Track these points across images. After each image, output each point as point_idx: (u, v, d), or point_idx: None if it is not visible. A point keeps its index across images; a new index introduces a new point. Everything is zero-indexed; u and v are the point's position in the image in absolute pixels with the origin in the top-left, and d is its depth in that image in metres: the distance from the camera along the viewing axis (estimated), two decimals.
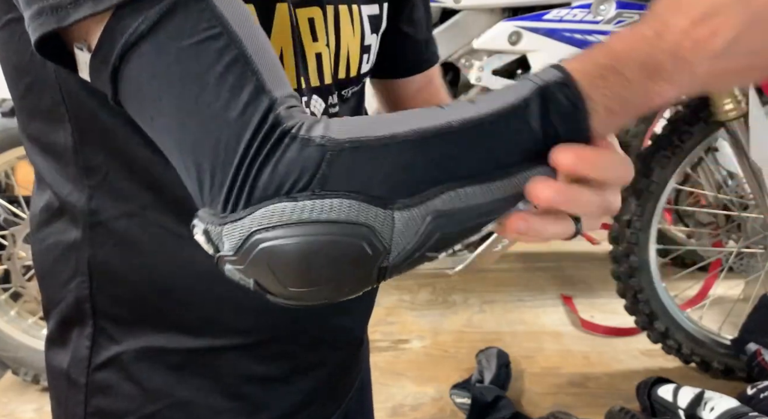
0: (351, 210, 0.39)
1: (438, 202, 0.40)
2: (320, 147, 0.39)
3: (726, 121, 1.66)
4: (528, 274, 2.51)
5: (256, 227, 0.39)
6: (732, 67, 0.40)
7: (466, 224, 0.42)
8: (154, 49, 0.40)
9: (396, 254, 0.40)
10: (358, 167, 0.39)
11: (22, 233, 1.72)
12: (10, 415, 1.72)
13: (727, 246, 1.98)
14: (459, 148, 0.40)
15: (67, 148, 0.54)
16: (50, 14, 0.42)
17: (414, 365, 1.92)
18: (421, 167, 0.40)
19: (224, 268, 0.42)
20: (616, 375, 1.89)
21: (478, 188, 0.41)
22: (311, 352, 0.64)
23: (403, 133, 0.40)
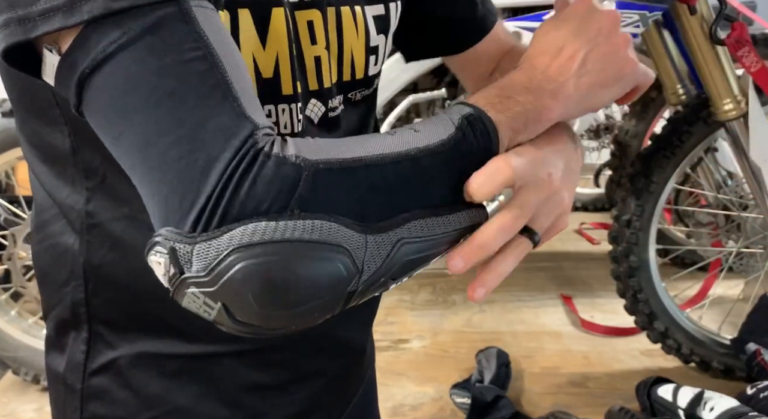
0: (331, 232, 0.39)
1: (405, 230, 0.42)
2: (295, 166, 0.39)
3: (726, 121, 1.66)
4: (528, 274, 2.51)
5: (235, 246, 0.38)
6: (592, 81, 0.51)
7: (425, 253, 0.44)
8: (134, 63, 0.40)
9: (366, 278, 0.41)
10: (333, 189, 0.40)
11: (22, 233, 1.73)
12: (11, 415, 1.72)
13: (727, 246, 1.98)
14: (421, 173, 0.43)
15: (64, 150, 0.53)
16: (17, 25, 0.41)
17: (414, 365, 1.92)
18: (387, 191, 0.42)
19: (185, 293, 0.40)
20: (616, 374, 1.89)
21: (440, 219, 0.44)
22: (310, 361, 0.64)
23: (369, 157, 0.42)
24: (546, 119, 0.49)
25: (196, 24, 0.41)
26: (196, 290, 0.39)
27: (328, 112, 0.59)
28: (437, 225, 0.44)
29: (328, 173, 0.40)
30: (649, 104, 2.51)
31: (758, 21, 1.97)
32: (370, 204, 0.41)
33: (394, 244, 0.42)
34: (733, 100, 1.64)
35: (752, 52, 1.56)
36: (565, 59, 0.50)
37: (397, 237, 0.42)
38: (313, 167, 0.39)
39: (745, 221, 1.87)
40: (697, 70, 1.68)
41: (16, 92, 0.54)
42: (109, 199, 0.54)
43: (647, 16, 1.57)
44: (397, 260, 0.42)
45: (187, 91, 0.39)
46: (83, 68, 0.40)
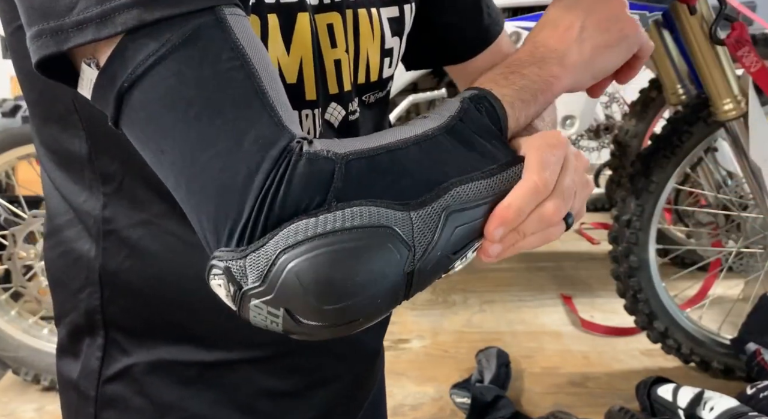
0: (371, 216, 0.39)
1: (448, 198, 0.42)
2: (328, 160, 0.40)
3: (726, 121, 1.66)
4: (528, 274, 2.51)
5: (282, 248, 0.38)
6: (595, 43, 0.53)
7: (479, 218, 0.44)
8: (172, 75, 0.39)
9: (420, 255, 0.41)
10: (367, 176, 0.40)
11: (22, 233, 1.73)
12: (11, 415, 1.73)
13: (727, 246, 1.98)
14: (444, 149, 0.44)
15: (82, 155, 0.53)
16: (49, 37, 0.40)
17: (414, 365, 1.92)
18: (419, 169, 0.42)
19: (250, 307, 0.40)
20: (616, 374, 1.89)
21: (482, 183, 0.44)
22: (327, 366, 0.63)
23: (394, 142, 0.43)
24: (556, 88, 0.51)
25: (231, 33, 0.40)
26: (257, 302, 0.39)
27: (348, 115, 0.59)
28: (482, 187, 0.44)
29: (360, 162, 0.41)
30: (649, 104, 2.51)
31: (758, 21, 1.97)
32: (405, 183, 0.41)
33: (440, 214, 0.41)
34: (733, 100, 1.64)
35: (752, 52, 1.56)
36: (563, 30, 0.53)
37: (441, 207, 0.42)
38: (344, 158, 0.40)
39: (745, 221, 1.87)
40: (697, 70, 1.68)
41: (35, 96, 0.53)
42: (126, 205, 0.53)
43: (647, 17, 1.57)
44: (449, 230, 0.42)
45: (226, 103, 0.39)
46: (122, 82, 0.40)
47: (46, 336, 1.81)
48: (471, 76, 0.77)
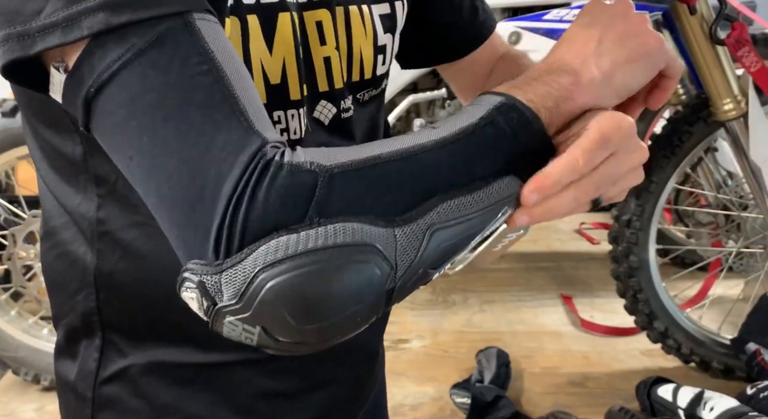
0: (355, 233, 0.38)
1: (434, 215, 0.41)
2: (311, 172, 0.38)
3: (726, 121, 1.66)
4: (528, 274, 2.51)
5: (261, 266, 0.37)
6: (614, 58, 0.49)
7: (463, 235, 0.43)
8: (139, 80, 0.38)
9: (402, 273, 0.40)
10: (349, 190, 0.39)
11: (22, 233, 1.73)
12: (11, 415, 1.73)
13: (727, 246, 1.98)
14: (437, 163, 0.42)
15: (76, 158, 0.53)
16: (15, 42, 0.40)
17: (414, 365, 1.92)
18: (406, 183, 0.41)
19: (223, 323, 0.39)
20: (616, 374, 1.89)
21: (466, 198, 0.42)
22: (325, 368, 0.63)
23: (384, 154, 0.41)
24: (574, 98, 0.48)
25: (200, 37, 0.40)
26: (232, 319, 0.38)
27: (340, 113, 0.59)
28: (469, 204, 0.42)
29: (344, 175, 0.39)
30: None
31: (758, 21, 1.97)
32: (391, 199, 0.40)
33: (424, 232, 0.40)
34: (733, 100, 1.64)
35: (752, 52, 1.56)
36: (580, 45, 0.50)
37: (426, 225, 0.40)
38: (328, 171, 0.39)
39: (745, 221, 1.87)
40: (697, 70, 1.68)
41: (26, 100, 0.53)
42: (120, 206, 0.53)
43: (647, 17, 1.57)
44: (432, 248, 0.41)
45: (193, 108, 0.39)
46: (88, 87, 0.39)
47: (46, 336, 1.81)
48: (463, 71, 0.77)
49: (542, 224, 3.16)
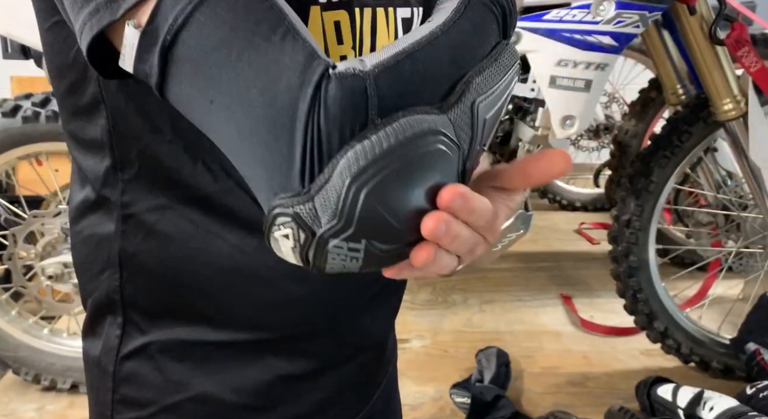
0: (419, 124, 0.39)
1: (473, 91, 0.43)
2: (356, 77, 0.39)
3: (725, 121, 1.66)
4: (528, 274, 2.51)
5: (350, 179, 0.37)
6: None
7: (498, 104, 0.45)
8: (210, 20, 0.40)
9: (467, 152, 0.42)
10: (396, 86, 0.40)
11: (22, 233, 1.73)
12: (11, 415, 1.73)
13: (727, 246, 1.98)
14: (460, 41, 0.44)
15: (103, 143, 0.55)
16: (105, 9, 0.42)
17: (414, 365, 1.92)
18: (441, 66, 0.42)
19: (327, 250, 0.39)
20: (616, 374, 1.89)
21: (492, 70, 0.44)
22: (334, 351, 0.65)
23: (409, 46, 0.42)
24: None
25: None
26: (337, 241, 0.39)
27: None
28: (495, 73, 0.44)
29: (386, 73, 0.40)
30: (649, 104, 2.51)
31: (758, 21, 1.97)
32: (433, 85, 0.42)
33: (470, 108, 0.42)
34: (732, 101, 1.64)
35: (752, 52, 1.57)
36: None
37: (470, 101, 0.42)
38: (371, 73, 0.40)
39: (745, 221, 1.87)
40: (697, 70, 1.69)
41: (65, 88, 0.56)
42: (144, 190, 0.56)
43: (647, 16, 1.57)
44: (480, 122, 0.43)
45: (262, 40, 0.39)
46: (164, 36, 0.40)
47: (46, 336, 1.81)
48: None
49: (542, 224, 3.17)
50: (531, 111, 1.80)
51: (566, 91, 1.63)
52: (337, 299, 0.62)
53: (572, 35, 1.62)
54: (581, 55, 1.61)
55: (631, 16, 1.58)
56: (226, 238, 0.55)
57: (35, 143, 1.69)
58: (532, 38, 1.67)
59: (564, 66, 1.62)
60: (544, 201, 3.24)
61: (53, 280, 1.72)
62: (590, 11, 1.61)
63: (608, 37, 1.60)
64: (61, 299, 1.80)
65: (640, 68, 2.73)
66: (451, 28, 0.44)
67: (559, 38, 1.63)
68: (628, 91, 2.92)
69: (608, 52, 1.62)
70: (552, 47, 1.63)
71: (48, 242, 1.74)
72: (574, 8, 1.63)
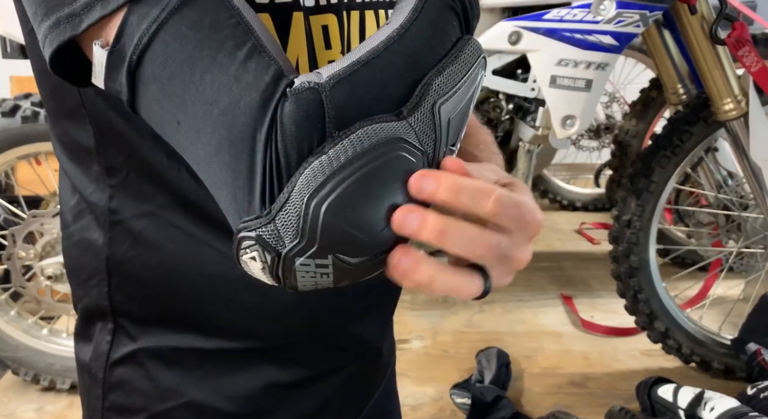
0: (377, 133, 0.38)
1: (432, 93, 0.41)
2: (311, 90, 0.39)
3: (726, 121, 1.66)
4: (528, 274, 2.51)
5: (307, 195, 0.37)
6: None
7: (462, 102, 0.44)
8: (175, 40, 0.39)
9: (431, 154, 0.41)
10: (353, 96, 0.39)
11: (22, 233, 1.72)
12: (11, 415, 1.72)
13: (727, 246, 1.98)
14: (414, 44, 0.43)
15: (89, 148, 0.55)
16: (66, 23, 0.41)
17: (414, 365, 1.92)
18: (397, 71, 0.41)
19: (295, 269, 0.39)
20: (616, 375, 1.89)
21: (452, 68, 0.43)
22: (327, 359, 0.64)
23: (364, 56, 0.41)
24: None
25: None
26: (302, 259, 0.38)
27: None
28: (457, 71, 0.43)
29: (343, 83, 0.39)
30: (650, 104, 2.51)
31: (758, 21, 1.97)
32: (390, 92, 0.41)
33: (431, 111, 0.41)
34: (733, 100, 1.64)
35: (752, 51, 1.56)
36: None
37: (430, 104, 0.41)
38: (327, 84, 0.39)
39: (746, 221, 1.87)
40: (698, 70, 1.68)
41: (48, 92, 0.55)
42: (131, 197, 0.55)
43: (647, 16, 1.57)
44: (444, 123, 0.42)
45: (226, 58, 0.39)
46: (130, 56, 0.40)
47: (46, 336, 1.81)
48: None
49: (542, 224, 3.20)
50: (531, 111, 1.80)
51: (567, 91, 1.63)
52: (329, 306, 0.61)
53: (573, 35, 1.61)
54: (582, 54, 1.61)
55: (631, 16, 1.58)
56: (213, 245, 0.55)
57: (34, 143, 1.69)
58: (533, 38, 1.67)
59: (564, 66, 1.61)
60: (545, 201, 3.24)
61: (52, 280, 1.72)
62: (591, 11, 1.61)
63: (609, 36, 1.60)
64: (61, 299, 1.80)
65: (640, 68, 2.73)
66: (408, 30, 0.43)
67: (560, 38, 1.63)
68: (628, 90, 2.92)
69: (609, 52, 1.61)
70: (552, 47, 1.62)
71: (47, 242, 1.74)
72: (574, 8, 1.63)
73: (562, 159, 3.23)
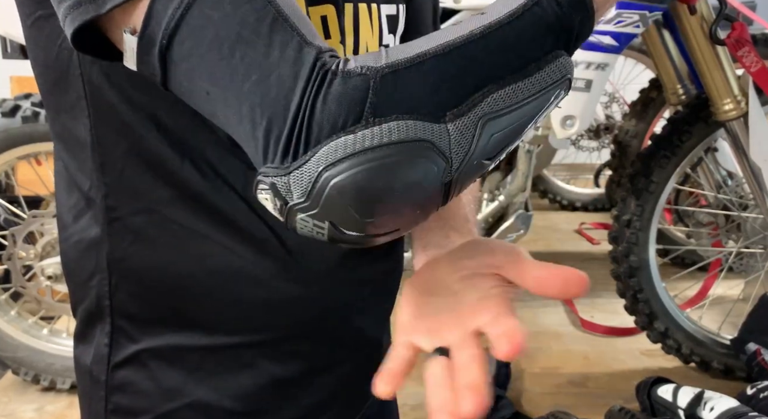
0: (408, 130, 0.40)
1: (484, 106, 0.41)
2: (362, 76, 0.40)
3: (726, 121, 1.66)
4: None
5: (323, 166, 0.40)
6: None
7: (516, 123, 0.43)
8: (200, 22, 0.41)
9: (457, 166, 0.42)
10: (401, 89, 0.40)
11: (22, 233, 1.72)
12: (11, 415, 1.72)
13: (727, 246, 1.98)
14: (487, 51, 0.42)
15: (86, 143, 0.55)
16: (89, 3, 0.42)
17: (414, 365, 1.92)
18: (457, 76, 0.41)
19: (296, 220, 0.42)
20: (616, 375, 1.89)
21: (518, 85, 0.42)
22: (328, 353, 0.64)
23: (432, 49, 0.41)
24: None
25: None
26: (303, 216, 0.42)
27: None
28: (523, 90, 0.42)
29: (394, 75, 0.40)
30: (649, 104, 2.51)
31: (758, 21, 1.97)
32: (442, 94, 0.41)
33: (476, 124, 0.41)
34: (733, 100, 1.64)
35: (752, 52, 1.56)
36: None
37: (477, 116, 0.41)
38: (378, 73, 0.40)
39: (745, 221, 1.87)
40: (697, 70, 1.68)
41: (49, 85, 0.55)
42: (127, 193, 0.55)
43: (647, 16, 1.57)
44: (485, 138, 0.42)
45: (254, 34, 0.41)
46: (160, 40, 0.41)
47: (46, 336, 1.81)
48: None
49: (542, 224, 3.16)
50: None
51: None
52: (330, 298, 0.61)
53: None
54: (581, 54, 1.61)
55: (631, 16, 1.58)
56: (215, 238, 0.55)
57: (35, 143, 1.69)
58: None
59: None
60: (544, 201, 3.24)
61: (53, 280, 1.72)
62: None
63: (608, 36, 1.60)
64: (61, 299, 1.80)
65: (640, 68, 2.73)
66: (489, 35, 0.42)
67: None
68: (628, 91, 2.92)
69: (608, 52, 1.62)
70: None
71: (47, 242, 1.74)
72: None
73: (562, 159, 3.23)
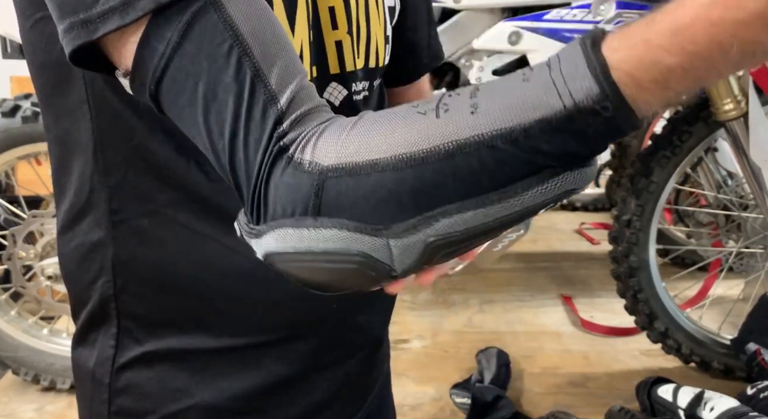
0: (344, 241, 0.40)
1: (436, 227, 0.39)
2: (308, 175, 0.40)
3: (726, 121, 1.66)
4: (528, 274, 2.51)
5: (270, 251, 0.43)
6: None
7: (469, 242, 0.41)
8: (178, 74, 0.42)
9: (402, 270, 0.42)
10: (343, 198, 0.40)
11: (22, 233, 1.72)
12: (11, 415, 1.72)
13: (727, 246, 1.98)
14: (450, 175, 0.38)
15: (87, 147, 0.55)
16: (80, 28, 0.43)
17: (414, 365, 1.92)
18: (406, 195, 0.39)
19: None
20: (616, 374, 1.89)
21: (476, 213, 0.38)
22: (331, 351, 0.65)
23: (384, 160, 0.39)
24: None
25: (223, 10, 0.42)
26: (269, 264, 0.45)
27: (351, 95, 0.60)
28: (486, 216, 0.38)
29: (337, 182, 0.40)
30: None
31: None
32: (386, 208, 0.39)
33: (423, 245, 0.39)
34: (733, 101, 1.64)
35: None
36: None
37: (423, 239, 0.39)
38: (322, 176, 0.40)
39: (745, 221, 1.87)
40: None
41: (49, 88, 0.55)
42: (131, 196, 0.55)
43: None
44: (430, 257, 0.41)
45: (224, 93, 0.42)
46: (149, 86, 0.43)
47: (46, 336, 1.81)
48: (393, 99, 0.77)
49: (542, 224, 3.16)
50: None
51: None
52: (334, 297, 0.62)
53: (573, 35, 1.62)
54: None
55: (631, 16, 1.58)
56: (220, 239, 0.55)
57: (35, 143, 1.69)
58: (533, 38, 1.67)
59: None
60: None
61: (53, 280, 1.72)
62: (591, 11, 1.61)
63: None
64: (61, 299, 1.80)
65: None
66: (457, 156, 0.37)
67: (560, 38, 1.63)
68: None
69: None
70: (553, 47, 1.63)
71: (47, 242, 1.74)
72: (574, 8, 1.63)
73: None
